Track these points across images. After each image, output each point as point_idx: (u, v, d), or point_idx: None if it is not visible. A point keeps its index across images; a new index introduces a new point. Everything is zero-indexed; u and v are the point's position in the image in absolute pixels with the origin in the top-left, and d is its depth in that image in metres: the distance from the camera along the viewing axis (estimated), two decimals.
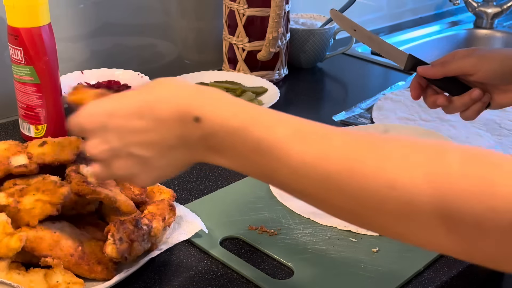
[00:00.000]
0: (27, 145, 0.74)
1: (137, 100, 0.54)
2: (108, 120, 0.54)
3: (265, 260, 0.71)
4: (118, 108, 0.54)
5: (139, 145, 0.54)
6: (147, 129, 0.53)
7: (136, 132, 0.53)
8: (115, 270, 0.65)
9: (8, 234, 0.59)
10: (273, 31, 1.15)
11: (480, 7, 1.74)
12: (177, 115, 0.52)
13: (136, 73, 1.09)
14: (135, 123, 0.53)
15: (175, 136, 0.53)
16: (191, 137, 0.52)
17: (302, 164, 0.49)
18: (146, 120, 0.53)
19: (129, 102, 0.54)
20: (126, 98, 0.55)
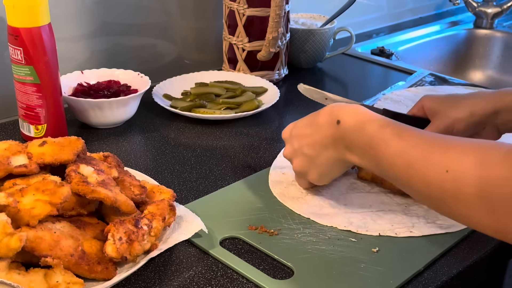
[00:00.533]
0: (27, 145, 0.74)
1: (310, 115, 0.77)
2: (293, 129, 0.79)
3: (265, 260, 0.71)
4: (299, 122, 0.79)
5: (307, 145, 0.76)
6: (312, 134, 0.75)
7: (306, 136, 0.76)
8: (115, 270, 0.65)
9: (8, 234, 0.59)
10: (273, 31, 1.15)
11: (480, 7, 1.74)
12: (327, 121, 0.73)
13: (136, 73, 1.09)
14: (306, 130, 0.76)
15: (327, 136, 0.73)
16: (336, 136, 0.72)
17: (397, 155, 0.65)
18: (312, 127, 0.76)
19: (307, 117, 0.78)
20: (307, 116, 0.78)
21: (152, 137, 1.02)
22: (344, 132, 0.71)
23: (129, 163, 0.92)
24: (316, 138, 0.74)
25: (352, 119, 0.70)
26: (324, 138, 0.73)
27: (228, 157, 0.95)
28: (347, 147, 0.71)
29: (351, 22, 1.50)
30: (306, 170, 0.77)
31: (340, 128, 0.71)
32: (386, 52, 1.49)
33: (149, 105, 1.09)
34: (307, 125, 0.76)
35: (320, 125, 0.74)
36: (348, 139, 0.70)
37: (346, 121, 0.71)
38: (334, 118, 0.72)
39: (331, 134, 0.72)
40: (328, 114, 0.73)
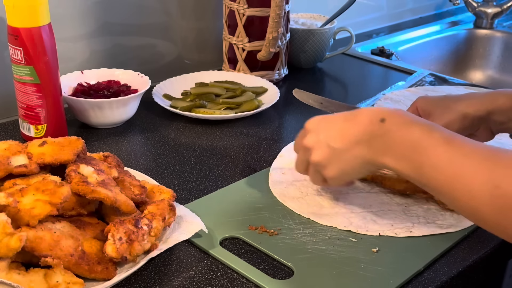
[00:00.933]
0: (27, 145, 0.74)
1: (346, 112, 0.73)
2: (321, 121, 0.74)
3: (265, 260, 0.71)
4: (331, 115, 0.75)
5: (336, 138, 0.71)
6: (345, 127, 0.71)
7: (338, 129, 0.72)
8: (115, 270, 0.65)
9: (8, 234, 0.59)
10: (273, 31, 1.15)
11: (480, 7, 1.74)
12: (369, 117, 0.69)
13: (136, 73, 1.09)
14: (339, 124, 0.72)
15: (363, 132, 0.69)
16: (374, 134, 0.68)
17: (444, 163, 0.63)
18: (347, 122, 0.71)
19: (338, 113, 0.74)
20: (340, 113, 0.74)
21: (152, 137, 1.02)
22: (386, 131, 0.67)
23: (129, 163, 0.92)
24: (348, 132, 0.70)
25: (399, 119, 0.68)
26: (359, 133, 0.69)
27: (228, 157, 0.95)
28: (385, 147, 0.68)
29: (351, 22, 1.50)
30: (326, 163, 0.72)
31: (383, 126, 0.67)
32: (386, 52, 1.49)
33: (149, 105, 1.09)
34: (340, 119, 0.72)
35: (357, 121, 0.70)
36: (390, 139, 0.67)
37: (392, 120, 0.67)
38: (378, 115, 0.68)
39: (370, 130, 0.68)
40: (371, 112, 0.70)
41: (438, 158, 0.63)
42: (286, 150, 0.94)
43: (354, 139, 0.70)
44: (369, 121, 0.69)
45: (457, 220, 0.78)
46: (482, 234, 0.77)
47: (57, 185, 0.66)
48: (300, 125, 1.09)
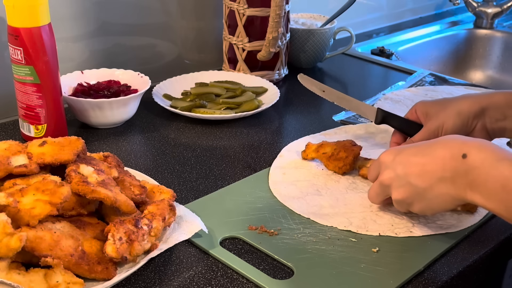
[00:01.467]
0: (27, 145, 0.74)
1: (424, 143, 0.71)
2: (397, 155, 0.72)
3: (265, 260, 0.71)
4: (406, 148, 0.72)
5: (416, 175, 0.69)
6: (424, 163, 0.68)
7: (416, 165, 0.69)
8: (115, 270, 0.65)
9: (8, 234, 0.59)
10: (273, 31, 1.15)
11: (480, 7, 1.74)
12: (449, 153, 0.66)
13: (136, 73, 1.09)
14: (416, 159, 0.69)
15: (446, 169, 0.66)
16: (457, 171, 0.65)
17: None
18: (426, 156, 0.69)
19: (418, 144, 0.72)
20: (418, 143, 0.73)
21: (152, 137, 1.02)
22: (470, 168, 0.64)
23: (129, 163, 0.92)
24: (429, 169, 0.67)
25: (483, 155, 0.64)
26: (441, 171, 0.66)
27: (228, 157, 0.95)
28: (471, 185, 0.65)
29: (351, 22, 1.50)
30: (410, 201, 0.71)
31: (466, 163, 0.64)
32: (386, 52, 1.49)
33: (149, 105, 1.09)
34: (418, 153, 0.70)
35: (437, 156, 0.67)
36: (475, 176, 0.64)
37: (475, 156, 0.64)
38: (459, 151, 0.65)
39: (453, 167, 0.66)
40: (450, 146, 0.67)
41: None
42: (286, 150, 0.94)
43: (436, 177, 0.67)
44: (450, 157, 0.66)
45: (457, 220, 0.78)
46: (482, 234, 0.77)
47: (57, 185, 0.66)
48: (300, 125, 1.10)
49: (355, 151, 0.87)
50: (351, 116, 1.10)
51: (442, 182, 0.67)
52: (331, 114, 1.10)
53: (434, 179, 0.67)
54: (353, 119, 1.09)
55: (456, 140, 0.67)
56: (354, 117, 1.10)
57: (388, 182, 0.72)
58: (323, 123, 1.08)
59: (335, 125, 1.06)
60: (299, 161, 0.92)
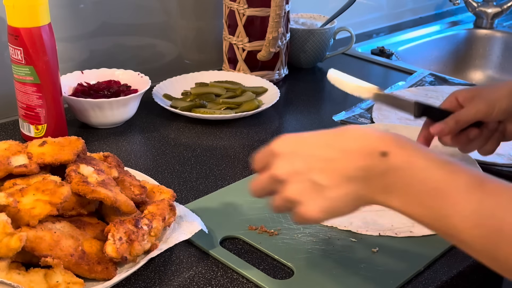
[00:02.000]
0: (27, 145, 0.74)
1: (328, 133, 0.58)
2: (297, 145, 0.58)
3: (265, 260, 0.71)
4: (310, 138, 0.59)
5: (321, 171, 0.56)
6: (332, 158, 0.56)
7: (321, 160, 0.56)
8: (115, 270, 0.65)
9: (8, 234, 0.59)
10: (273, 31, 1.15)
11: (480, 7, 1.74)
12: (364, 148, 0.55)
13: (136, 73, 1.09)
14: (321, 152, 0.57)
15: (357, 167, 0.55)
16: (373, 171, 0.54)
17: (477, 213, 0.50)
18: (334, 150, 0.56)
19: (321, 134, 0.58)
20: (318, 132, 0.59)
21: (152, 137, 1.02)
22: (391, 169, 0.54)
23: (129, 163, 0.92)
24: (337, 166, 0.56)
25: (406, 154, 0.54)
26: (353, 168, 0.55)
27: (228, 157, 0.95)
28: (388, 188, 0.54)
29: (351, 22, 1.50)
30: (305, 200, 0.57)
31: (385, 162, 0.54)
32: (386, 52, 1.49)
33: (149, 105, 1.09)
34: (324, 145, 0.57)
35: (348, 151, 0.56)
36: (396, 178, 0.54)
37: (398, 156, 0.54)
38: (376, 147, 0.55)
39: (367, 166, 0.54)
40: (366, 140, 0.56)
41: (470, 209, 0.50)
42: None
43: (346, 175, 0.55)
44: (366, 154, 0.55)
45: None
46: None
47: (57, 185, 0.66)
48: (300, 125, 1.10)
49: None
50: (351, 116, 1.10)
51: (352, 182, 0.55)
52: (331, 114, 1.10)
53: (343, 178, 0.55)
54: (353, 119, 1.09)
55: (371, 134, 0.56)
56: (354, 117, 1.10)
57: (283, 178, 0.58)
58: (323, 123, 1.08)
59: (335, 125, 1.05)
60: None
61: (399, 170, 0.54)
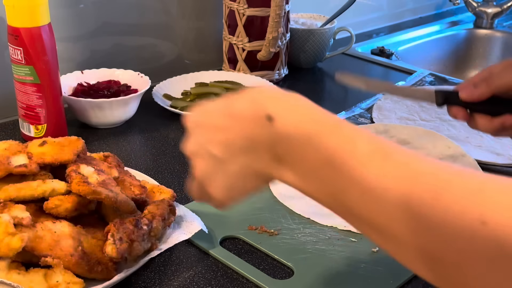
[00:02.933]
0: (27, 145, 0.74)
1: (228, 98, 0.52)
2: (202, 117, 0.53)
3: (265, 260, 0.71)
4: (210, 107, 0.53)
5: (215, 142, 0.51)
6: (224, 127, 0.50)
7: (216, 130, 0.51)
8: (115, 270, 0.65)
9: (10, 233, 0.59)
10: (273, 31, 1.15)
11: (480, 7, 1.74)
12: (250, 112, 0.49)
13: (136, 73, 1.09)
14: (216, 120, 0.51)
15: (245, 137, 0.49)
16: (259, 139, 0.48)
17: (378, 185, 0.42)
18: (225, 118, 0.51)
19: (222, 100, 0.53)
20: (222, 98, 0.53)
21: (152, 137, 1.02)
22: (278, 137, 0.47)
23: (129, 163, 0.92)
24: (228, 136, 0.50)
25: (296, 117, 0.47)
26: (239, 138, 0.49)
27: None
28: (278, 157, 0.48)
29: (351, 22, 1.50)
30: (209, 178, 0.52)
31: (272, 129, 0.47)
32: (386, 52, 1.49)
33: (149, 105, 1.09)
34: (220, 113, 0.52)
35: (236, 117, 0.50)
36: (284, 146, 0.47)
37: (285, 120, 0.47)
38: (262, 110, 0.48)
39: (255, 134, 0.48)
40: (253, 101, 0.49)
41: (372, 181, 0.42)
42: None
43: (237, 147, 0.50)
44: (252, 120, 0.48)
45: None
46: None
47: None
48: None
49: None
50: (351, 116, 1.10)
51: (243, 153, 0.49)
52: None
53: (235, 149, 0.50)
54: (353, 119, 1.09)
55: (262, 94, 0.49)
56: (354, 117, 1.10)
57: (189, 155, 0.54)
58: None
59: None
60: None
61: (287, 139, 0.46)
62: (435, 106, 0.76)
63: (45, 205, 0.66)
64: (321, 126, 0.46)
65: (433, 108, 1.13)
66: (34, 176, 0.70)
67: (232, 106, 0.51)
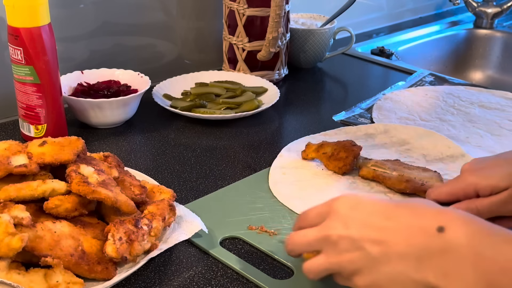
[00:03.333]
0: (27, 145, 0.74)
1: (388, 203, 0.55)
2: (355, 208, 0.56)
3: (265, 260, 0.71)
4: (369, 204, 0.56)
5: (373, 242, 0.53)
6: (385, 228, 0.53)
7: (375, 229, 0.53)
8: (115, 270, 0.65)
9: (10, 233, 0.59)
10: (273, 31, 1.15)
11: (480, 7, 1.74)
12: (419, 222, 0.51)
13: (136, 73, 1.09)
14: (377, 220, 0.54)
15: (410, 244, 0.51)
16: (428, 248, 0.50)
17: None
18: (388, 221, 0.53)
19: (380, 203, 0.56)
20: (378, 200, 0.57)
21: (152, 137, 1.02)
22: (449, 247, 0.48)
23: (129, 163, 0.92)
24: (388, 238, 0.52)
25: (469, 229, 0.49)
26: (404, 245, 0.51)
27: (228, 157, 0.95)
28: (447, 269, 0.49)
29: (351, 22, 1.50)
30: (358, 271, 0.54)
31: (443, 238, 0.49)
32: (386, 52, 1.49)
33: (149, 105, 1.09)
34: (380, 213, 0.54)
35: (402, 224, 0.52)
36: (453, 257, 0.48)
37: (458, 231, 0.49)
38: (433, 222, 0.50)
39: (423, 244, 0.50)
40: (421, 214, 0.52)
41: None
42: (286, 150, 0.94)
43: (397, 251, 0.51)
44: (421, 230, 0.51)
45: None
46: None
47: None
48: (300, 125, 1.09)
49: (355, 151, 0.87)
50: (351, 116, 1.10)
51: (403, 260, 0.51)
52: (331, 114, 1.10)
53: (393, 252, 0.52)
54: (353, 119, 1.09)
55: (430, 208, 0.53)
56: (354, 117, 1.10)
57: (334, 239, 0.55)
58: (323, 123, 1.08)
59: (335, 125, 1.06)
60: (299, 161, 0.92)
61: (460, 247, 0.48)
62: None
63: (45, 205, 0.66)
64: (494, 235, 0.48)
65: (433, 108, 1.13)
66: (34, 176, 0.71)
67: (394, 211, 0.54)
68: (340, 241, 0.55)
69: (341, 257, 0.55)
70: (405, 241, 0.51)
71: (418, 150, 0.95)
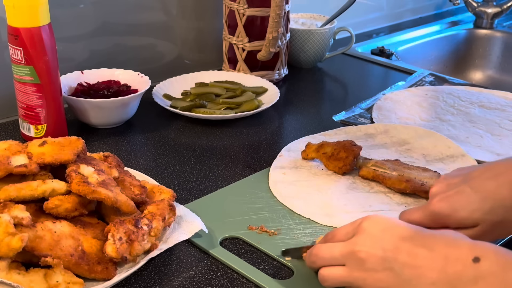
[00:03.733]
0: (27, 145, 0.74)
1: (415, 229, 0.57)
2: (387, 230, 0.57)
3: (265, 260, 0.71)
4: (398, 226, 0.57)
5: (405, 265, 0.54)
6: (419, 254, 0.54)
7: (409, 254, 0.55)
8: (115, 270, 0.65)
9: (10, 233, 0.59)
10: (273, 31, 1.15)
11: (480, 7, 1.74)
12: (456, 252, 0.53)
13: (136, 73, 1.09)
14: (410, 246, 0.55)
15: (444, 272, 0.52)
16: (462, 277, 0.52)
17: None
18: (423, 248, 0.54)
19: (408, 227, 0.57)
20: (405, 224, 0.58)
21: (152, 137, 1.02)
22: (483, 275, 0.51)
23: (129, 163, 0.92)
24: (424, 264, 0.54)
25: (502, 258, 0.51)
26: (439, 271, 0.53)
27: (228, 157, 0.95)
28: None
29: (351, 22, 1.50)
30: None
31: (476, 268, 0.51)
32: (386, 52, 1.49)
33: (149, 105, 1.09)
34: (414, 239, 0.55)
35: (437, 253, 0.54)
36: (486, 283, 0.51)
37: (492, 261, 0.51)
38: (469, 252, 0.52)
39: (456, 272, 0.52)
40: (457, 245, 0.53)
41: None
42: (286, 150, 0.94)
43: (431, 277, 0.53)
44: (456, 260, 0.52)
45: None
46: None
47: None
48: (300, 125, 1.09)
49: (355, 151, 0.87)
50: (351, 116, 1.10)
51: (435, 286, 0.53)
52: (331, 114, 1.10)
53: (426, 278, 0.53)
54: (353, 119, 1.09)
55: (464, 241, 0.54)
56: (354, 117, 1.10)
57: (362, 256, 0.56)
58: (323, 123, 1.08)
59: (335, 125, 1.06)
60: (299, 161, 0.92)
61: (492, 275, 0.51)
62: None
63: (45, 205, 0.66)
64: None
65: (433, 108, 1.13)
66: (34, 176, 0.71)
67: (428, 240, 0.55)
68: (369, 259, 0.56)
69: (367, 274, 0.56)
70: (440, 269, 0.53)
71: (418, 150, 0.95)
